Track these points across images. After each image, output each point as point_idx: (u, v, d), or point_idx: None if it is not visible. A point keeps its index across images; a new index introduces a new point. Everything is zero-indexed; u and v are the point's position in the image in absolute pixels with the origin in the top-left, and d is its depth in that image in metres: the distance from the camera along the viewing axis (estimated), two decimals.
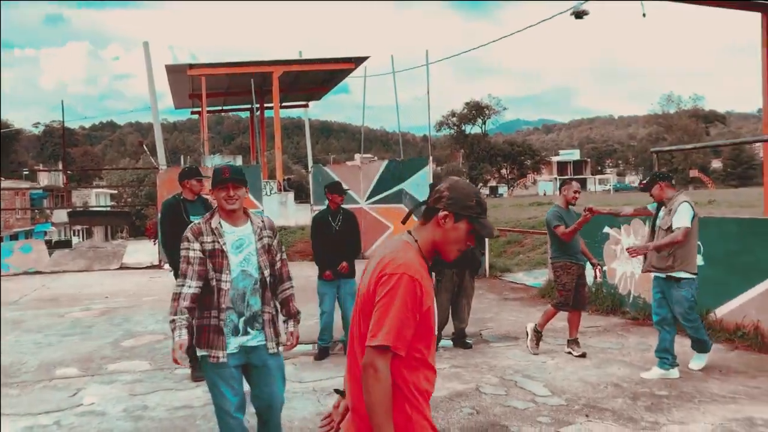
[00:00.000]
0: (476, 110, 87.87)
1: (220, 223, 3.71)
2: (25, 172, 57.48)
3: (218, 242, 3.67)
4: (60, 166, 56.47)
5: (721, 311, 7.27)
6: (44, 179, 51.86)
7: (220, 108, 34.64)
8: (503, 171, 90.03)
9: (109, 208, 44.31)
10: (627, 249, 6.23)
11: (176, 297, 3.63)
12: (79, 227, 51.01)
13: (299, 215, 20.42)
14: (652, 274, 6.26)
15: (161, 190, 17.12)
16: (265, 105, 31.88)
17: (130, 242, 27.27)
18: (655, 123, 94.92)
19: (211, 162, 20.87)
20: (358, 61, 25.91)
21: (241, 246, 3.72)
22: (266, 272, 3.76)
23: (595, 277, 7.10)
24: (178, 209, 6.33)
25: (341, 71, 26.12)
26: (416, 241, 2.33)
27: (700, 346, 6.18)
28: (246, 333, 3.71)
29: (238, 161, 23.74)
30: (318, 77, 28.02)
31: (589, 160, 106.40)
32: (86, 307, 10.86)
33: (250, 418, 4.00)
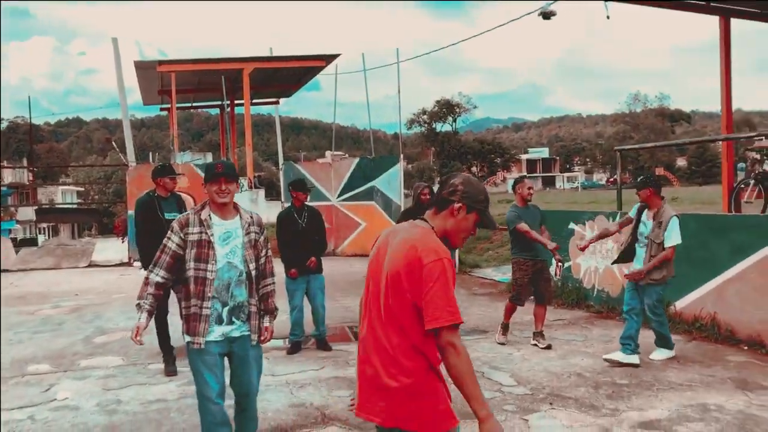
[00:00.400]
0: (447, 108, 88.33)
1: (209, 215, 3.89)
2: None
3: (206, 233, 3.83)
4: (25, 163, 55.53)
5: (681, 304, 7.55)
6: (8, 176, 50.90)
7: (189, 104, 34.38)
8: (474, 169, 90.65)
9: (76, 206, 43.69)
10: (625, 276, 6.56)
11: (145, 282, 3.90)
12: (45, 225, 50.21)
13: (270, 212, 20.41)
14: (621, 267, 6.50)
15: (131, 187, 17.02)
16: (236, 102, 31.78)
17: (99, 240, 27.00)
18: (622, 122, 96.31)
19: (181, 159, 20.83)
20: (329, 58, 25.94)
21: (228, 238, 3.88)
22: (251, 266, 3.92)
23: (555, 273, 7.32)
24: (152, 206, 6.42)
25: (312, 68, 26.16)
26: (432, 228, 2.62)
27: (663, 342, 6.44)
28: (231, 323, 3.87)
29: (209, 158, 23.62)
30: (289, 74, 28.00)
31: (557, 158, 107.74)
32: (56, 304, 10.81)
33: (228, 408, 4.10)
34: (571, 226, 9.41)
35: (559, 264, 7.14)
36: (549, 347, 6.93)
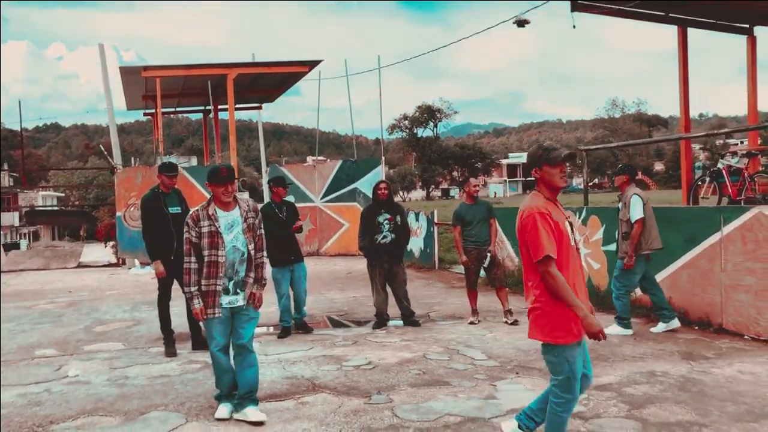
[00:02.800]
0: (428, 113, 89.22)
1: (215, 210, 4.80)
2: None
3: (214, 225, 4.76)
4: (8, 168, 55.39)
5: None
6: None
7: (173, 110, 34.70)
8: (455, 173, 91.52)
9: (65, 209, 43.71)
10: (625, 265, 7.24)
11: (187, 271, 4.78)
12: (26, 230, 50.21)
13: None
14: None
15: (119, 189, 17.46)
16: (219, 107, 32.17)
17: (85, 245, 27.32)
18: (601, 127, 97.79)
19: (169, 160, 21.25)
20: (312, 64, 26.44)
21: (231, 227, 4.81)
22: (251, 246, 4.86)
23: (483, 260, 8.08)
24: (157, 201, 6.98)
25: (295, 74, 26.70)
26: (539, 192, 3.71)
27: (621, 322, 7.13)
28: (235, 293, 4.83)
29: (193, 162, 24.05)
30: (271, 80, 28.46)
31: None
32: (51, 300, 11.27)
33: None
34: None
35: (488, 253, 8.13)
36: (516, 323, 7.75)
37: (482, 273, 8.31)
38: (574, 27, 9.42)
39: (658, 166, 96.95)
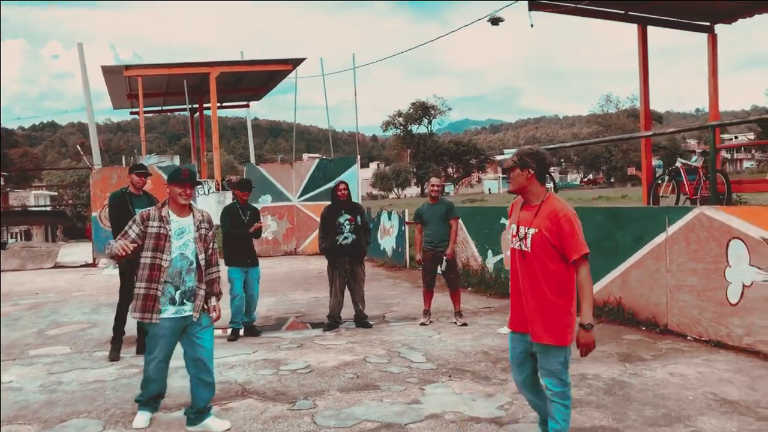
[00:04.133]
0: (422, 110, 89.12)
1: (168, 212, 4.67)
2: None
3: (164, 228, 4.62)
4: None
5: (593, 290, 8.17)
6: None
7: (159, 108, 34.64)
8: (449, 170, 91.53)
9: (41, 209, 43.62)
10: None
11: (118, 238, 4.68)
12: (17, 229, 50.06)
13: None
14: None
15: (95, 190, 17.42)
16: (205, 105, 32.11)
17: (69, 244, 27.26)
18: (595, 123, 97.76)
19: (147, 162, 21.19)
20: (296, 62, 26.39)
21: (182, 233, 4.68)
22: (201, 256, 4.72)
23: (440, 264, 8.05)
24: (123, 200, 6.94)
25: (279, 72, 26.62)
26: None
27: None
28: (182, 303, 4.66)
29: (176, 161, 24.01)
30: (256, 78, 28.41)
31: None
32: (15, 302, 11.21)
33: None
34: (503, 221, 10.02)
35: (444, 257, 8.03)
36: (465, 324, 7.78)
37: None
38: (531, 26, 9.37)
39: (653, 162, 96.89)
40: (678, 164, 9.31)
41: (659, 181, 9.74)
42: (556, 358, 3.80)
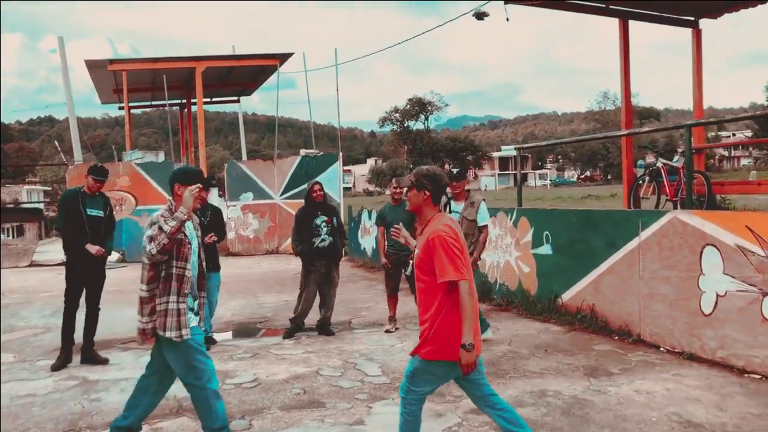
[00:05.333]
0: (419, 106, 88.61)
1: None
2: None
3: (183, 233, 4.09)
4: None
5: (566, 296, 7.82)
6: None
7: (148, 103, 34.24)
8: (446, 166, 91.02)
9: (14, 206, 43.22)
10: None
11: (156, 235, 3.95)
12: (9, 225, 49.66)
13: (226, 211, 20.57)
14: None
15: (71, 186, 17.01)
16: (194, 100, 31.71)
17: (54, 241, 26.88)
18: (593, 119, 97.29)
19: (130, 157, 20.80)
20: (283, 57, 26.00)
21: (192, 238, 4.24)
22: (203, 262, 4.38)
23: (404, 266, 7.68)
24: (75, 199, 6.55)
25: (267, 67, 26.20)
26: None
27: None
28: (196, 314, 4.27)
29: (161, 157, 23.62)
30: (244, 73, 28.01)
31: (529, 155, 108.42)
32: None
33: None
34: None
35: (408, 261, 7.45)
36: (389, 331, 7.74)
37: None
38: (507, 20, 9.00)
39: (649, 159, 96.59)
40: (659, 164, 8.95)
41: (640, 182, 9.38)
42: (412, 363, 3.72)
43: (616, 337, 6.93)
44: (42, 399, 5.54)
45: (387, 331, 7.71)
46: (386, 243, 7.83)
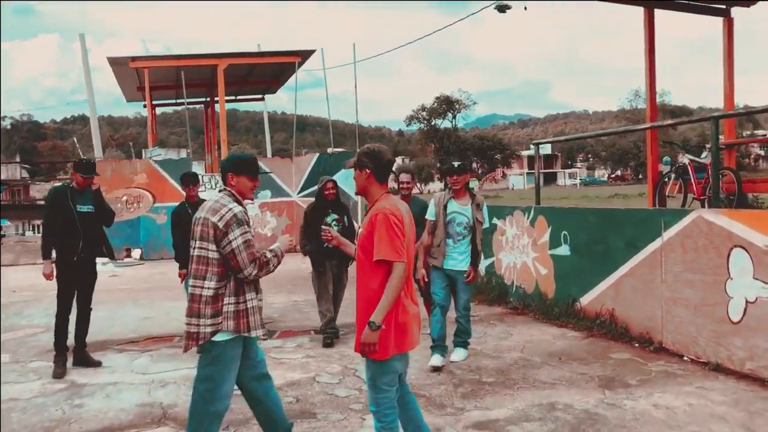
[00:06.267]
0: (446, 104, 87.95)
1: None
2: None
3: (251, 231, 3.82)
4: (29, 162, 55.83)
5: (584, 300, 7.38)
6: (1, 173, 51.00)
7: (172, 101, 34.28)
8: (474, 165, 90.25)
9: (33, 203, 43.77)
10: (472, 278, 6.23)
11: (261, 259, 3.72)
12: (38, 222, 50.32)
13: (249, 209, 20.40)
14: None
15: None
16: (218, 98, 31.67)
17: None
18: (624, 118, 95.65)
19: (151, 154, 20.73)
20: (306, 54, 25.78)
21: None
22: None
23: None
24: (64, 197, 6.24)
25: (290, 65, 25.99)
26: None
27: (468, 338, 6.35)
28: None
29: (182, 154, 23.53)
30: (267, 71, 27.85)
31: (559, 154, 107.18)
32: None
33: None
34: (495, 221, 9.24)
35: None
36: None
37: None
38: (525, 9, 8.57)
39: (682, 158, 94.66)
40: (685, 161, 8.44)
41: (666, 179, 8.88)
42: (366, 371, 3.54)
43: (637, 345, 6.47)
44: (24, 404, 5.28)
45: None
46: None
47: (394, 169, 3.84)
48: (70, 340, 6.43)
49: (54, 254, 6.38)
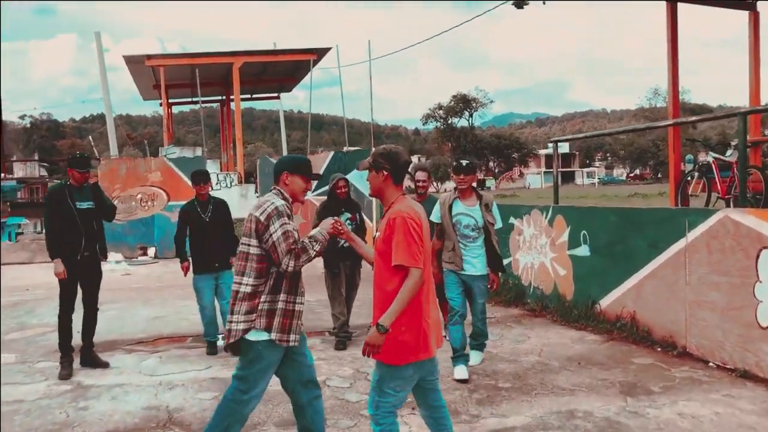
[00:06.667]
0: (463, 103, 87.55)
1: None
2: None
3: (293, 224, 3.70)
4: (47, 160, 56.31)
5: (604, 302, 7.15)
6: (20, 171, 51.41)
7: (189, 100, 34.33)
8: (491, 164, 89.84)
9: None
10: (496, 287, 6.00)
11: (296, 249, 3.57)
12: None
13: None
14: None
15: (102, 182, 16.94)
16: (233, 97, 31.66)
17: None
18: (643, 117, 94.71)
19: (166, 152, 20.70)
20: (322, 52, 25.66)
21: None
22: None
23: None
24: (62, 195, 6.10)
25: (306, 62, 25.87)
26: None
27: (484, 340, 6.05)
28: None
29: (197, 152, 23.50)
30: (282, 69, 27.77)
31: (577, 153, 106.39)
32: None
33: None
34: (512, 220, 9.03)
35: None
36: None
37: None
38: (544, 3, 8.35)
39: (703, 157, 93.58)
40: (709, 159, 8.18)
41: (688, 178, 8.62)
42: (375, 373, 3.42)
43: (659, 349, 6.24)
44: (29, 405, 5.17)
45: None
46: None
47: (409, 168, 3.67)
48: (77, 340, 6.31)
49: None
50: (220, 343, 6.75)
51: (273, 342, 3.60)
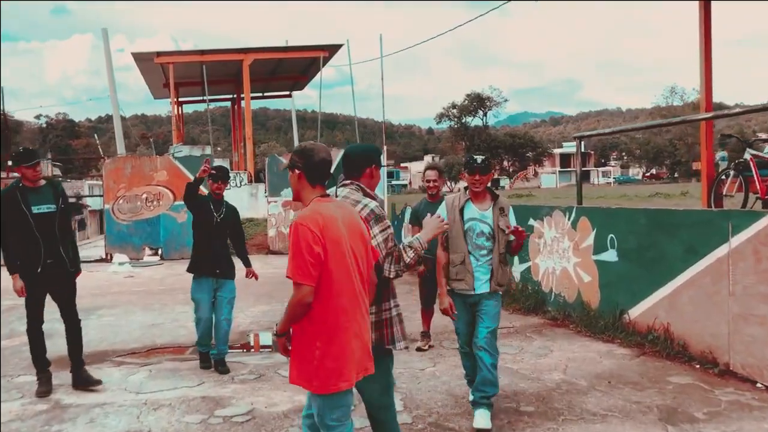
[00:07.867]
0: (477, 102, 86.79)
1: None
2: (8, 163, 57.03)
3: (390, 226, 3.44)
4: (60, 160, 56.09)
5: (634, 312, 6.55)
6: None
7: (200, 98, 33.99)
8: (505, 163, 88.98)
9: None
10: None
11: (395, 254, 3.35)
12: (78, 217, 50.53)
13: (271, 207, 19.84)
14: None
15: (107, 181, 16.54)
16: (244, 95, 31.26)
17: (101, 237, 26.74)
18: (659, 116, 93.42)
19: (173, 151, 20.29)
20: (333, 49, 25.20)
21: None
22: None
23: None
24: (14, 198, 5.31)
25: (317, 60, 25.37)
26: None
27: (493, 391, 4.58)
28: None
29: (207, 150, 23.07)
30: (294, 66, 27.33)
31: (592, 152, 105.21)
32: None
33: None
34: (531, 222, 8.44)
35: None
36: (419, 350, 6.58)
37: None
38: None
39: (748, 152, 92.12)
40: (747, 156, 7.55)
41: (723, 177, 7.99)
42: (314, 405, 3.01)
43: (697, 366, 5.63)
44: (6, 428, 4.66)
45: (419, 349, 6.61)
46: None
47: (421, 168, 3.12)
48: (61, 351, 5.77)
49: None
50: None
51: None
